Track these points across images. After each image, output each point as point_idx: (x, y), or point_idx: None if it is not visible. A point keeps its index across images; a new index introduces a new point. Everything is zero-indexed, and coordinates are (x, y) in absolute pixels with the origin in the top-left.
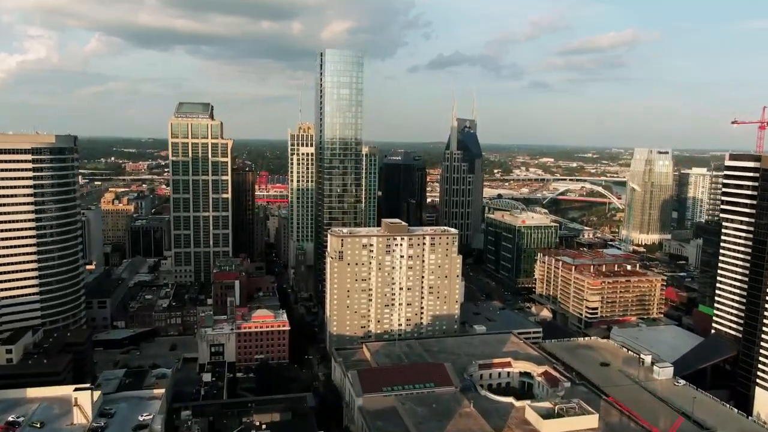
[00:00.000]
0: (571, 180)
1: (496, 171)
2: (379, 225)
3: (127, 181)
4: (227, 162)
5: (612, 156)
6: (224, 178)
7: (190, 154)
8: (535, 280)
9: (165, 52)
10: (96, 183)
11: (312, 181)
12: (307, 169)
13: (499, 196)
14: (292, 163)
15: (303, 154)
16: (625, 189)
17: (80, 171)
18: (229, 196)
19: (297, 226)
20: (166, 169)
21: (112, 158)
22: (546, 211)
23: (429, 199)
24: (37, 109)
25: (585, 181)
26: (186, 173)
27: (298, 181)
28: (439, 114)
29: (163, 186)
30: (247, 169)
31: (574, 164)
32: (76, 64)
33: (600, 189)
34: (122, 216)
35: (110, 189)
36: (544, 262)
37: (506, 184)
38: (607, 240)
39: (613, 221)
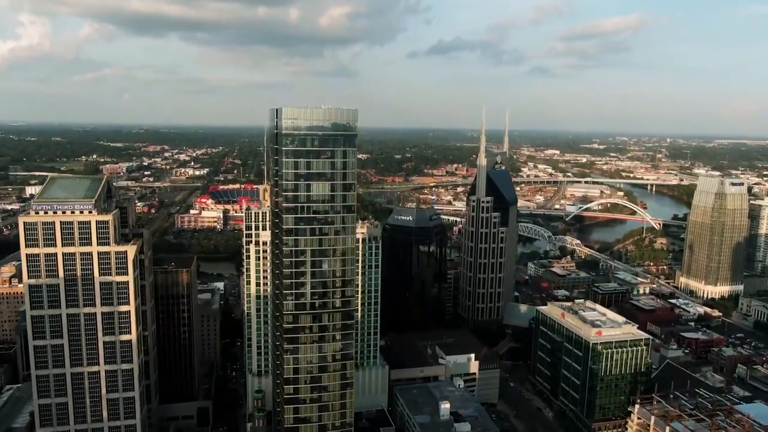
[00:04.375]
0: (586, 182)
1: None
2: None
3: None
4: (129, 282)
5: (618, 147)
6: (123, 309)
7: (61, 273)
8: None
9: (159, 39)
10: None
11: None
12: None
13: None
14: (248, 256)
15: (263, 242)
16: (686, 231)
17: (53, 176)
18: (132, 336)
19: (255, 350)
20: (146, 173)
21: (94, 156)
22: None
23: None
24: (29, 96)
25: (601, 183)
26: (55, 305)
27: (256, 283)
28: (441, 99)
29: (136, 201)
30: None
31: (583, 159)
32: (69, 51)
33: (623, 199)
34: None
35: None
36: (645, 422)
37: (518, 189)
38: (666, 295)
39: (656, 252)
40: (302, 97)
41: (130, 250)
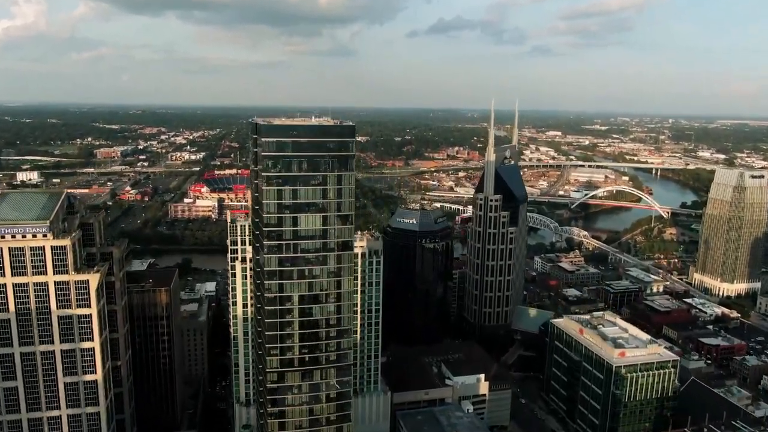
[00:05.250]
0: (590, 166)
1: None
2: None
3: (93, 175)
4: (92, 314)
5: (621, 128)
6: (87, 345)
7: (12, 306)
8: None
9: (156, 18)
10: (54, 180)
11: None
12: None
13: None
14: (234, 274)
15: (251, 259)
16: (701, 225)
17: (44, 160)
18: (98, 375)
19: (243, 377)
20: (141, 157)
21: (89, 139)
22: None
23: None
24: (25, 76)
25: (606, 167)
26: (6, 343)
27: (243, 304)
28: (441, 79)
29: (129, 188)
30: (154, 285)
31: (585, 141)
32: (65, 30)
33: (628, 184)
34: None
35: (67, 190)
36: None
37: (520, 172)
38: (680, 293)
39: (665, 244)
40: (302, 77)
41: (93, 278)
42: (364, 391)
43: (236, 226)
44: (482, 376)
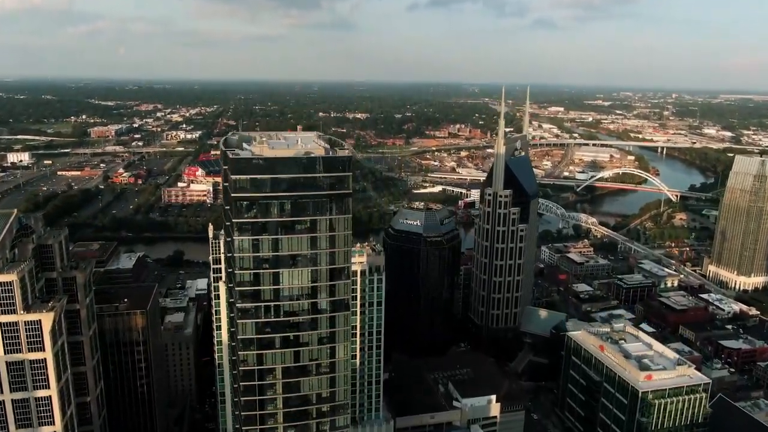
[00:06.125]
0: (594, 145)
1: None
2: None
3: (86, 156)
4: (46, 359)
5: (624, 104)
6: (42, 394)
7: None
8: None
9: None
10: (46, 162)
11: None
12: None
13: None
14: (217, 295)
15: None
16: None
17: (37, 140)
18: (57, 426)
19: (230, 407)
20: (136, 136)
21: (83, 116)
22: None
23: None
24: (21, 50)
25: (610, 146)
26: None
27: (228, 329)
28: (441, 52)
29: (122, 170)
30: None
31: (588, 117)
32: (61, 2)
33: (634, 165)
34: None
35: (59, 172)
36: None
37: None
38: (695, 288)
39: (676, 230)
40: (301, 50)
41: (46, 318)
42: (364, 419)
43: (218, 243)
44: (493, 397)
